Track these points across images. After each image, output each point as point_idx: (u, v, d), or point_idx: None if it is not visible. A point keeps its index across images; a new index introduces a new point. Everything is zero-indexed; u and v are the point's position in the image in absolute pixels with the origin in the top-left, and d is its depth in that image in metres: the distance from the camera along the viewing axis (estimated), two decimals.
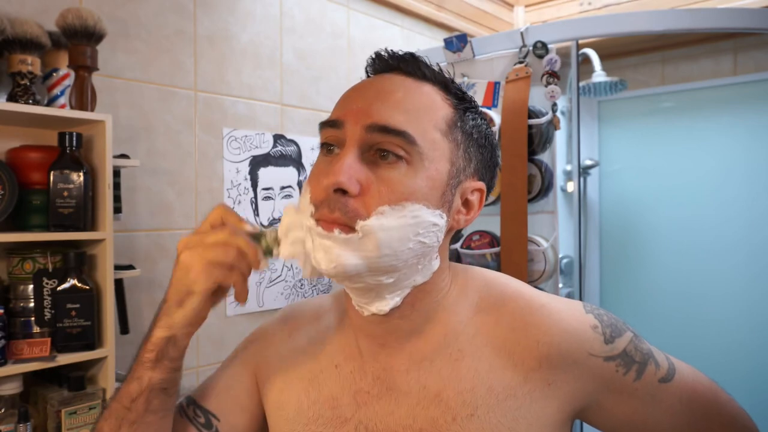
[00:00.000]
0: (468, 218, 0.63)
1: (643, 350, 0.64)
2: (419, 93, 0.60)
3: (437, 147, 0.58)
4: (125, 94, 1.54)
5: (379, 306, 0.61)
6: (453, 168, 0.60)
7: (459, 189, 0.61)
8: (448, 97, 0.62)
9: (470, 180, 0.62)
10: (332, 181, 0.55)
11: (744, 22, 1.55)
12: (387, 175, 0.56)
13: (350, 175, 0.55)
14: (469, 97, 0.64)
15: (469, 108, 0.63)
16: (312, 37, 2.04)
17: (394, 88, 0.60)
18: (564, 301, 0.66)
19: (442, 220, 0.59)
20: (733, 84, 2.30)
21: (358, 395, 0.64)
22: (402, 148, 0.56)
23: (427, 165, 0.57)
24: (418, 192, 0.56)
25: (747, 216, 2.20)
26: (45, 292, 1.24)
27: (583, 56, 2.21)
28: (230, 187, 1.78)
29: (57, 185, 1.23)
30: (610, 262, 2.55)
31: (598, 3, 2.54)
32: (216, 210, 0.60)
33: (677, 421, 0.65)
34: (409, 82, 0.61)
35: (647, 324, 2.40)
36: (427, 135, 0.58)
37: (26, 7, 1.37)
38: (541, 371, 0.61)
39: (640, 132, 2.48)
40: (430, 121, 0.59)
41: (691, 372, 0.67)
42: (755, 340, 2.16)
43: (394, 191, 0.56)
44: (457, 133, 0.61)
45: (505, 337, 0.62)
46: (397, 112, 0.57)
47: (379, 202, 0.55)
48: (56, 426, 1.23)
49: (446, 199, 0.60)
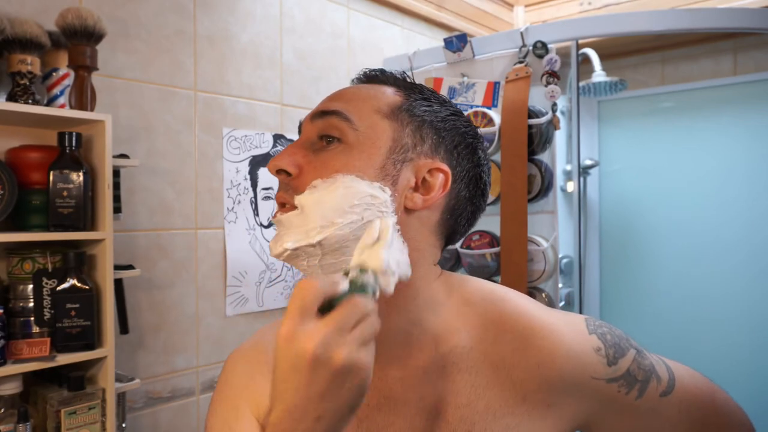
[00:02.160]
0: (427, 198, 0.60)
1: (645, 367, 0.64)
2: (367, 89, 0.63)
3: (376, 127, 0.60)
4: (125, 94, 1.54)
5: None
6: (396, 144, 0.60)
7: (409, 165, 0.60)
8: (401, 91, 0.64)
9: (426, 159, 0.61)
10: (273, 164, 0.60)
11: (744, 22, 1.55)
12: (325, 156, 0.59)
13: (290, 158, 0.60)
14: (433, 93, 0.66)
15: (428, 98, 0.64)
16: (312, 37, 2.04)
17: (346, 90, 0.64)
18: (566, 319, 0.65)
19: (384, 193, 0.57)
20: (733, 84, 2.30)
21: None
22: (338, 129, 0.59)
23: (362, 140, 0.59)
24: (350, 164, 0.58)
25: (747, 216, 2.19)
26: (45, 292, 1.24)
27: (583, 56, 2.21)
28: (230, 187, 1.78)
29: (57, 185, 1.23)
30: (610, 262, 2.55)
31: (598, 3, 2.54)
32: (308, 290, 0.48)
33: (676, 429, 0.65)
34: (366, 85, 0.65)
35: (647, 324, 2.40)
36: (364, 117, 0.60)
37: (26, 7, 1.37)
38: (541, 393, 0.60)
39: (640, 132, 2.48)
40: (372, 106, 0.61)
41: (690, 377, 0.67)
42: (755, 340, 2.16)
43: (327, 166, 0.58)
44: (403, 115, 0.61)
45: (504, 355, 0.61)
46: (339, 101, 0.61)
47: (313, 178, 0.58)
48: (56, 426, 1.23)
49: (387, 172, 0.59)
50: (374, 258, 0.53)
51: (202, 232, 1.71)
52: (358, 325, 0.48)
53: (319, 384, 0.46)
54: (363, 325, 0.48)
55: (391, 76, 0.66)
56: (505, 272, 1.59)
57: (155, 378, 1.60)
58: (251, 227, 1.84)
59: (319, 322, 0.47)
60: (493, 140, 1.65)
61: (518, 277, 1.56)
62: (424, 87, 0.66)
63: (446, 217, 0.63)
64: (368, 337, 0.48)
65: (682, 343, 2.29)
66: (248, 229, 1.83)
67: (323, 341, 0.46)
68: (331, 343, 0.46)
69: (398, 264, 0.54)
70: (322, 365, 0.46)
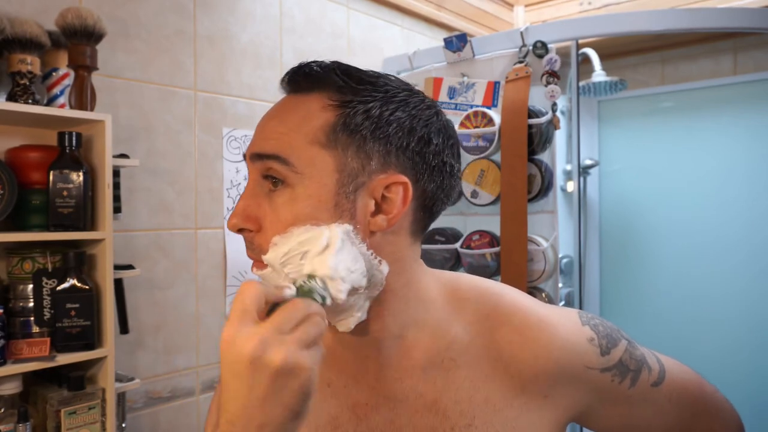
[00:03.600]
0: (391, 217, 0.57)
1: (637, 357, 0.66)
2: (295, 110, 0.58)
3: (316, 161, 0.55)
4: (125, 93, 1.54)
5: (344, 326, 0.58)
6: (342, 175, 0.56)
7: (364, 191, 0.56)
8: (332, 100, 0.57)
9: (379, 175, 0.56)
10: (231, 223, 0.57)
11: (744, 21, 1.55)
12: (275, 202, 0.56)
13: (243, 213, 0.57)
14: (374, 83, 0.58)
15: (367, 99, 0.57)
16: (312, 37, 2.04)
17: (275, 114, 0.59)
18: (560, 312, 0.66)
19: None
20: (732, 84, 2.30)
21: (357, 408, 0.63)
22: (280, 174, 0.56)
23: (307, 183, 0.55)
24: (300, 214, 0.55)
25: (747, 216, 2.19)
26: (44, 291, 1.24)
27: (582, 56, 2.21)
28: (230, 186, 1.78)
29: (56, 185, 1.23)
30: (610, 262, 2.55)
31: (597, 3, 2.54)
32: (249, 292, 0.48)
33: (667, 419, 0.67)
34: (293, 101, 0.59)
35: (646, 324, 2.40)
36: (301, 153, 0.55)
37: (26, 6, 1.37)
38: (538, 384, 0.61)
39: (640, 132, 2.48)
40: (305, 136, 0.56)
41: (678, 369, 0.69)
42: (755, 340, 2.16)
43: (280, 220, 0.56)
44: (341, 137, 0.56)
45: (502, 349, 0.62)
46: (270, 138, 0.57)
47: (273, 233, 0.56)
48: (56, 426, 1.23)
49: (342, 208, 0.55)
50: (323, 265, 0.53)
51: (202, 232, 1.71)
52: (300, 326, 0.47)
53: (259, 388, 0.45)
54: (305, 326, 0.47)
55: (318, 74, 0.58)
56: (505, 272, 1.59)
57: (155, 378, 1.60)
58: None
59: (258, 324, 0.46)
60: (493, 140, 1.65)
61: (518, 276, 1.56)
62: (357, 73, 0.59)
63: (419, 215, 0.60)
64: (311, 339, 0.47)
65: (682, 343, 2.29)
66: None
67: (261, 342, 0.45)
68: (269, 344, 0.45)
69: (350, 271, 0.53)
70: (260, 368, 0.44)
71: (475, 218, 1.79)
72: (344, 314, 0.57)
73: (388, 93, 0.58)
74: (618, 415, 0.66)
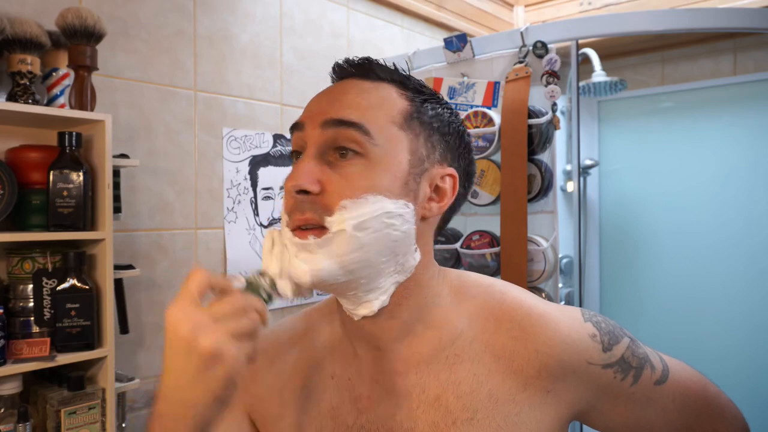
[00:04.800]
0: (441, 205, 0.62)
1: (639, 355, 0.66)
2: (374, 91, 0.62)
3: (394, 139, 0.59)
4: (125, 94, 1.54)
5: (367, 308, 0.60)
6: (414, 158, 0.60)
7: (426, 177, 0.61)
8: (404, 92, 0.63)
9: (438, 167, 0.62)
10: (293, 183, 0.57)
11: (744, 22, 1.55)
12: (346, 171, 0.57)
13: (310, 175, 0.57)
14: (428, 90, 0.65)
15: (428, 99, 0.64)
16: (312, 37, 2.04)
17: (348, 90, 0.62)
18: (562, 309, 0.67)
19: (408, 209, 0.58)
20: (733, 84, 2.30)
21: (359, 401, 0.64)
22: (358, 144, 0.57)
23: (384, 157, 0.58)
24: (377, 184, 0.57)
25: (747, 216, 2.20)
26: (44, 291, 1.24)
27: (582, 56, 2.21)
28: (230, 186, 1.78)
29: (57, 185, 1.23)
30: (610, 262, 2.55)
31: (598, 3, 2.54)
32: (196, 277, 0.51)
33: (670, 419, 0.67)
34: (365, 84, 0.63)
35: (646, 324, 2.40)
36: (382, 129, 0.58)
37: (26, 7, 1.37)
38: (540, 379, 0.61)
39: (640, 132, 2.48)
40: (386, 115, 0.60)
41: (682, 369, 0.69)
42: (755, 340, 2.16)
43: (354, 185, 0.56)
44: (414, 124, 0.61)
45: (505, 344, 0.62)
46: (352, 108, 0.59)
47: (341, 197, 0.56)
48: (56, 426, 1.23)
49: (410, 189, 0.59)
50: (273, 264, 0.56)
51: (202, 232, 1.71)
52: (234, 318, 0.50)
53: (189, 369, 0.48)
54: (240, 319, 0.50)
55: (384, 67, 0.64)
56: (505, 272, 1.59)
57: (155, 378, 1.60)
58: (251, 227, 1.84)
59: (198, 309, 0.49)
60: (493, 140, 1.65)
61: (518, 277, 1.55)
62: (418, 82, 0.65)
63: (446, 216, 0.66)
64: (242, 332, 0.50)
65: (682, 343, 2.29)
66: (248, 229, 1.83)
67: (195, 325, 0.48)
68: (202, 330, 0.48)
69: (303, 273, 0.55)
70: (191, 350, 0.48)
71: (475, 218, 1.79)
72: (371, 295, 0.59)
73: (441, 100, 0.65)
74: (620, 414, 0.66)
